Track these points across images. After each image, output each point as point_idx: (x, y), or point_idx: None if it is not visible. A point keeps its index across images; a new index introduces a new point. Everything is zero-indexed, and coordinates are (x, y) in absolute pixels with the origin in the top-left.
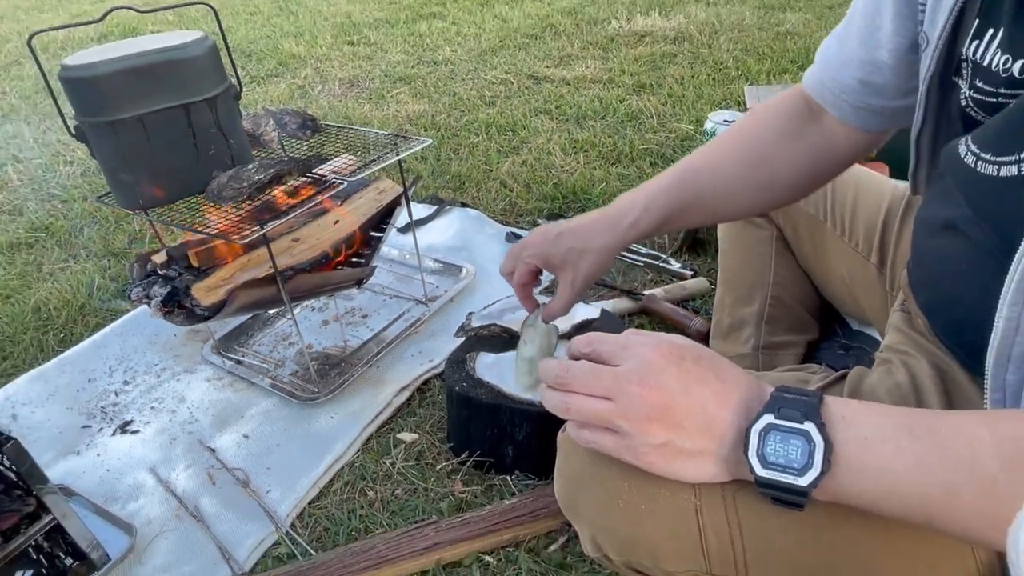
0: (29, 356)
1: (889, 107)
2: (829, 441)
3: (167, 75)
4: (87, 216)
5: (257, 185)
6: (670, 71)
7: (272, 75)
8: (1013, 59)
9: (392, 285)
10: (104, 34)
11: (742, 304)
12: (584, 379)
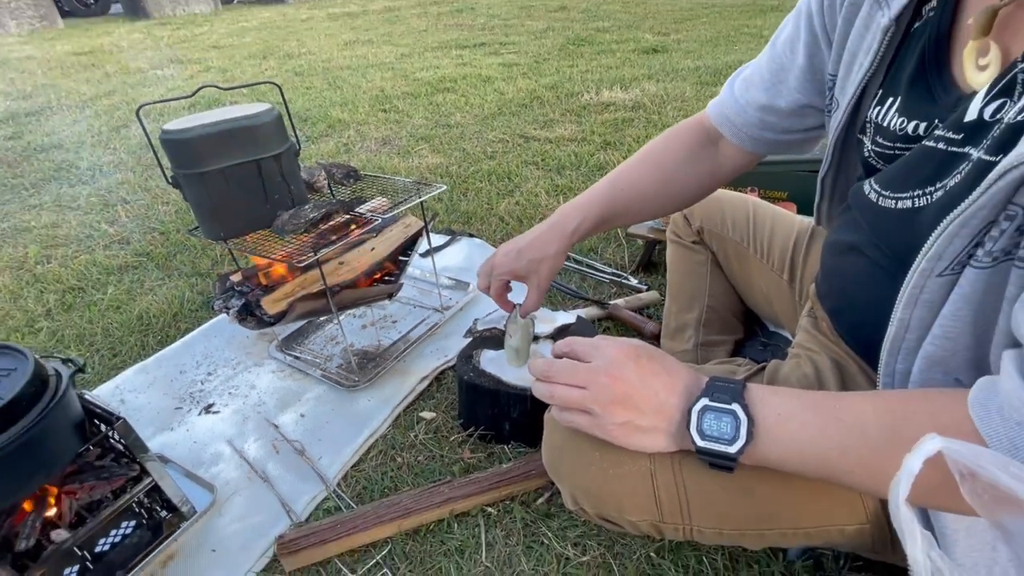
0: (134, 353)
1: (779, 139)
2: (752, 417)
3: (243, 138)
4: (179, 244)
5: (312, 221)
6: (629, 132)
7: (323, 135)
8: (907, 121)
9: (415, 297)
10: (193, 103)
11: (685, 311)
12: (564, 373)
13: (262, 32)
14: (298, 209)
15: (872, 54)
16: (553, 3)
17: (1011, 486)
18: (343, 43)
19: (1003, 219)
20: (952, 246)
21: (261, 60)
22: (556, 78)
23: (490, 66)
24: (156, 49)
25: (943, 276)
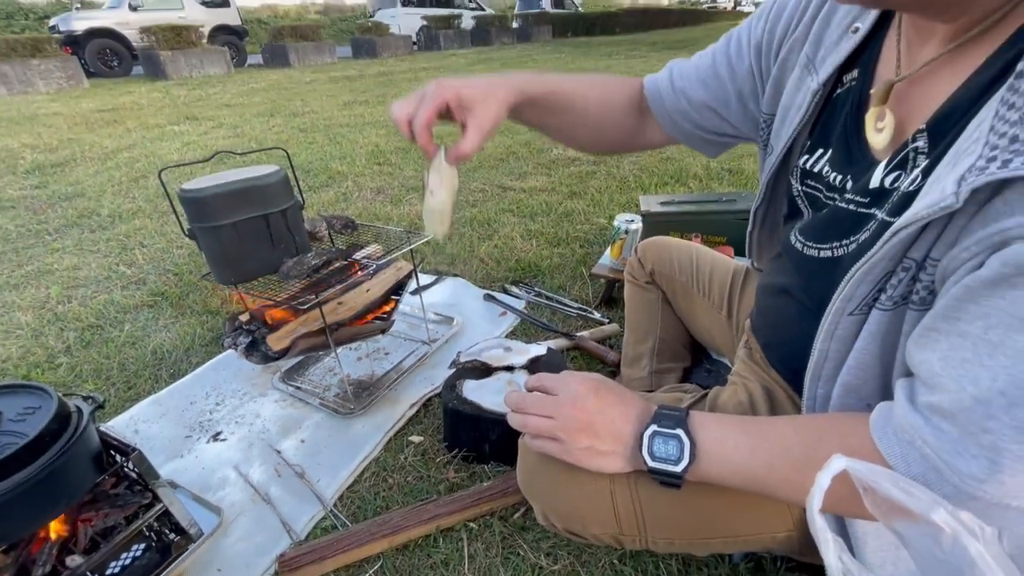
0: (148, 386)
1: (694, 133)
2: (693, 441)
3: (254, 195)
4: (192, 285)
5: (314, 268)
6: (592, 183)
7: (324, 185)
8: (832, 171)
9: (405, 331)
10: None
11: (640, 343)
12: (534, 405)
13: (270, 92)
14: (302, 256)
15: (802, 113)
16: (526, 70)
17: (900, 498)
18: (343, 103)
19: (900, 270)
20: (859, 290)
21: (269, 118)
22: (529, 135)
23: None
24: (173, 107)
25: (853, 315)
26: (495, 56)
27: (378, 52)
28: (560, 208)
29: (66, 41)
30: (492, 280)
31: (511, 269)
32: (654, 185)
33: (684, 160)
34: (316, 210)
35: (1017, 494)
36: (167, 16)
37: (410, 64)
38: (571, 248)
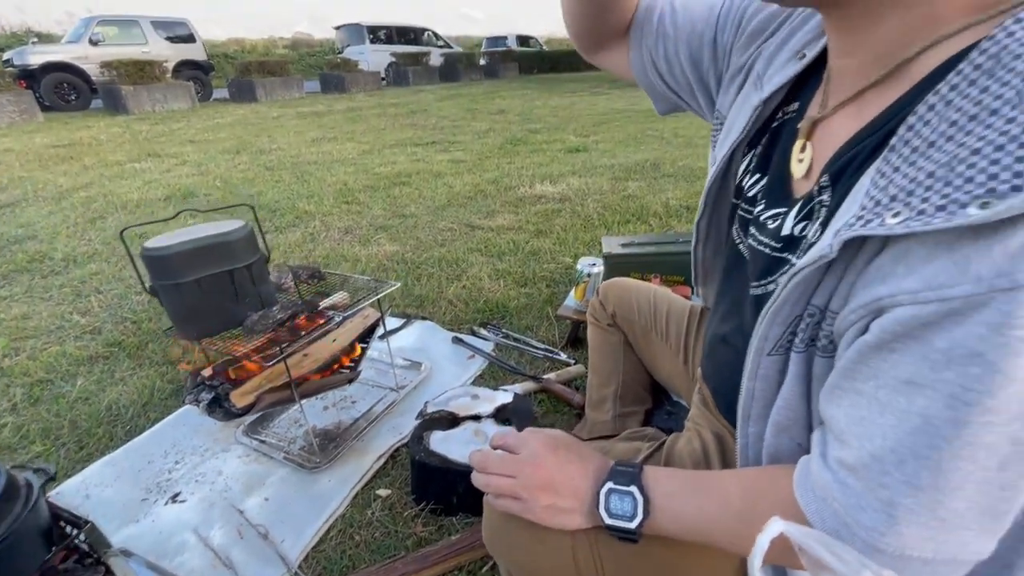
0: (101, 445)
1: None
2: (647, 497)
3: (218, 251)
4: (151, 334)
5: (279, 322)
6: (557, 221)
7: (291, 225)
8: (761, 199)
9: (373, 378)
10: (171, 194)
11: (604, 386)
12: (497, 465)
13: (236, 128)
14: (267, 310)
15: (742, 126)
16: (493, 107)
17: (830, 561)
18: (310, 140)
19: (806, 315)
20: (772, 331)
21: (235, 155)
22: (497, 173)
23: (441, 162)
24: (134, 143)
25: (772, 356)
26: (463, 92)
27: (347, 87)
28: (527, 247)
29: (21, 75)
30: (460, 322)
31: (479, 310)
32: (616, 223)
33: (645, 198)
34: (283, 251)
35: (915, 545)
36: (129, 51)
37: (379, 100)
38: (538, 288)
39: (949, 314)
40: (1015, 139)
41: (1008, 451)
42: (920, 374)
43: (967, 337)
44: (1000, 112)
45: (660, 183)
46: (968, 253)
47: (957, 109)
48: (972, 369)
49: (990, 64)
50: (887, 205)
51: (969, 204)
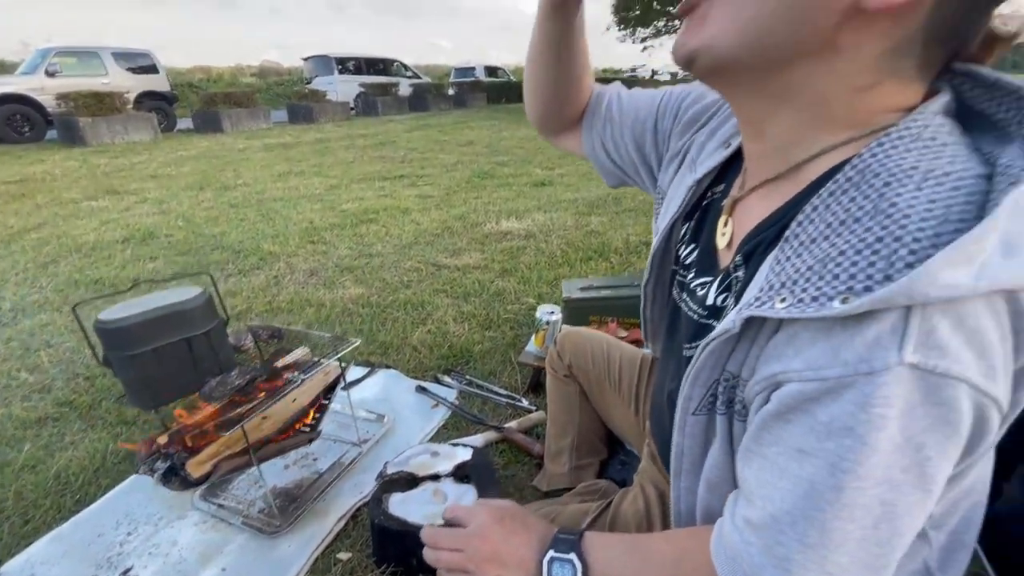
0: (48, 518)
1: (603, 164)
2: (586, 564)
3: (175, 320)
4: (105, 391)
5: (238, 388)
6: (522, 259)
7: (255, 268)
8: (693, 267)
9: (335, 432)
10: (124, 257)
11: (561, 438)
12: (446, 540)
13: (200, 162)
14: (225, 376)
15: (678, 204)
16: (462, 138)
17: None
18: (277, 174)
19: (723, 380)
20: (695, 391)
21: (198, 191)
22: (464, 209)
23: (408, 197)
24: (91, 178)
25: (697, 415)
26: (432, 122)
27: (315, 117)
28: (492, 287)
29: None
30: (425, 369)
31: (444, 356)
32: (579, 260)
33: (607, 234)
34: (246, 296)
35: None
36: (88, 82)
37: (347, 130)
38: (502, 331)
39: (827, 392)
40: (869, 246)
41: (879, 511)
42: (808, 443)
43: (841, 413)
44: (861, 221)
45: (621, 218)
46: (839, 340)
47: (832, 213)
48: (846, 441)
49: (857, 178)
50: (778, 291)
51: (835, 298)
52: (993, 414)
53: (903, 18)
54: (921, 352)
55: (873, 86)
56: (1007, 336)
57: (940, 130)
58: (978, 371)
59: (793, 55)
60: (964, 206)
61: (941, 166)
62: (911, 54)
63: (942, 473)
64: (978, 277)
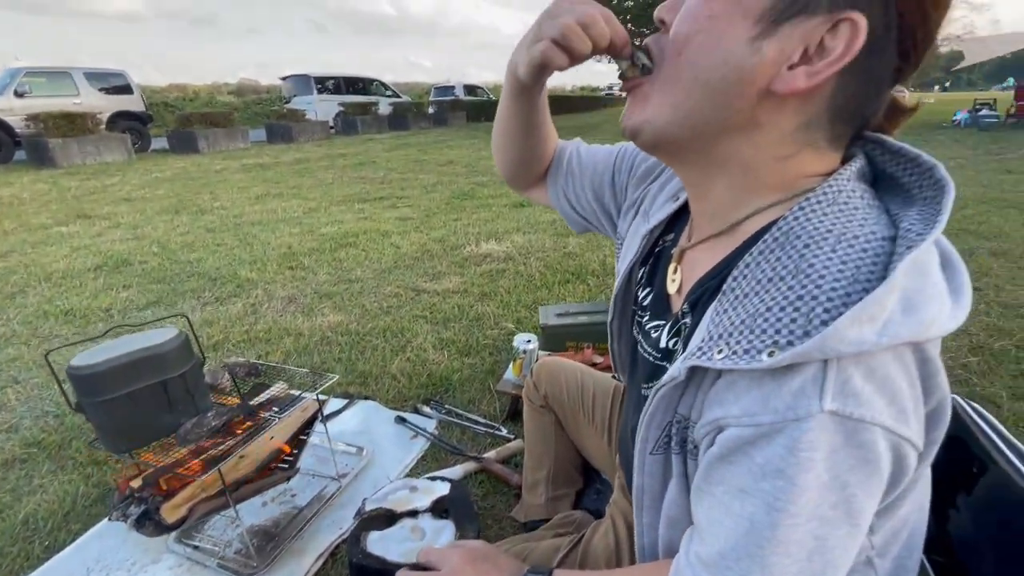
0: (16, 567)
1: (569, 213)
2: None
3: (150, 364)
4: (76, 429)
5: (215, 429)
6: (502, 283)
7: (232, 296)
8: (648, 309)
9: (313, 466)
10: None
11: (537, 470)
12: None
13: (175, 184)
14: (201, 417)
15: (635, 251)
16: (442, 157)
17: None
18: (254, 197)
19: (675, 421)
20: (651, 432)
21: (173, 215)
22: (444, 231)
23: (388, 220)
24: (62, 202)
25: (654, 455)
26: (412, 141)
27: (294, 137)
28: (472, 312)
29: None
30: (404, 399)
31: (423, 385)
32: (557, 283)
33: (584, 256)
34: (222, 326)
35: None
36: (60, 103)
37: (327, 150)
38: (481, 357)
39: (761, 436)
40: (791, 303)
41: (813, 545)
42: (747, 483)
43: (773, 456)
44: (784, 279)
45: (598, 239)
46: (769, 389)
47: (761, 271)
48: (778, 482)
49: (783, 239)
50: (716, 342)
51: (763, 351)
52: (909, 452)
53: (809, 100)
54: (839, 400)
55: (792, 155)
56: (915, 383)
57: (852, 195)
58: (890, 415)
59: (720, 131)
60: (871, 267)
61: (852, 229)
62: (821, 128)
63: (868, 509)
64: (881, 334)
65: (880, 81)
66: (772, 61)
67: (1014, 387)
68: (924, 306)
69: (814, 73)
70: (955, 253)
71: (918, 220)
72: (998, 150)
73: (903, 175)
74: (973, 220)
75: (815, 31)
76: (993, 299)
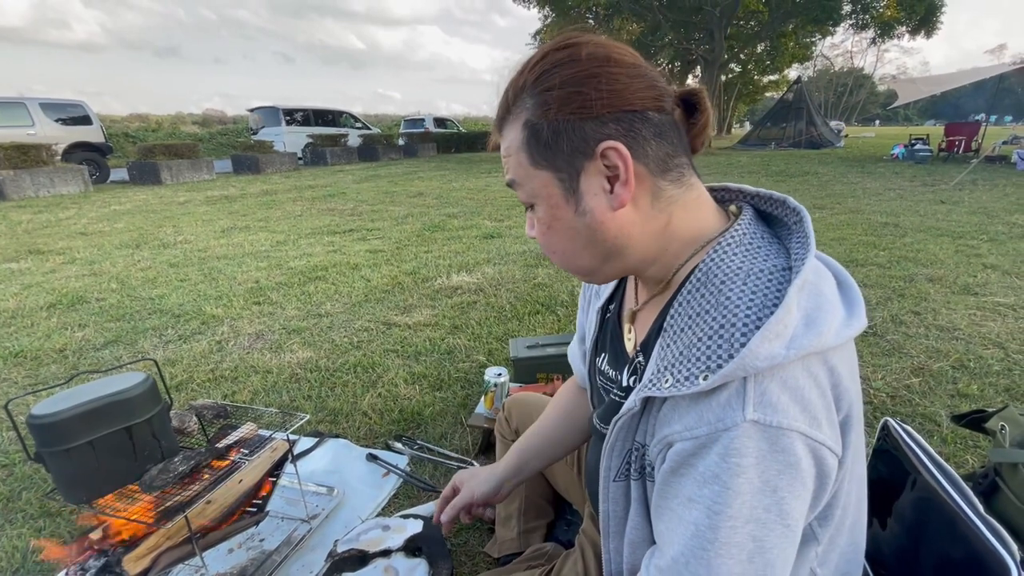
0: None
1: None
2: None
3: (115, 410)
4: (26, 479)
5: (182, 475)
6: (473, 315)
7: (196, 333)
8: (608, 367)
9: (283, 508)
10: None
11: (510, 504)
12: None
13: (136, 217)
14: (167, 463)
15: (593, 326)
16: (412, 189)
17: None
18: (220, 230)
19: (634, 449)
20: (612, 462)
21: (134, 250)
22: (415, 264)
23: (358, 253)
24: (11, 236)
25: (617, 482)
26: (382, 172)
27: (261, 168)
28: (443, 345)
29: None
30: (375, 435)
31: (394, 421)
32: (527, 314)
33: (553, 287)
34: (186, 365)
35: None
36: (12, 133)
37: (295, 181)
38: (452, 391)
39: (700, 447)
40: (716, 332)
41: (752, 547)
42: (693, 492)
43: (710, 463)
44: (709, 313)
45: None
46: (704, 406)
47: (691, 308)
48: (715, 487)
49: (704, 279)
50: (663, 374)
51: (699, 376)
52: (827, 455)
53: (638, 188)
54: (760, 410)
55: (670, 219)
56: (826, 393)
57: (755, 236)
58: (804, 422)
59: (612, 255)
60: (776, 294)
61: (758, 264)
62: (662, 188)
63: (797, 511)
64: (789, 347)
65: (665, 130)
66: (599, 206)
67: (952, 406)
68: (822, 319)
69: (625, 182)
70: (848, 275)
71: (799, 246)
72: (932, 182)
73: (782, 214)
74: (912, 248)
75: (596, 168)
76: (931, 323)
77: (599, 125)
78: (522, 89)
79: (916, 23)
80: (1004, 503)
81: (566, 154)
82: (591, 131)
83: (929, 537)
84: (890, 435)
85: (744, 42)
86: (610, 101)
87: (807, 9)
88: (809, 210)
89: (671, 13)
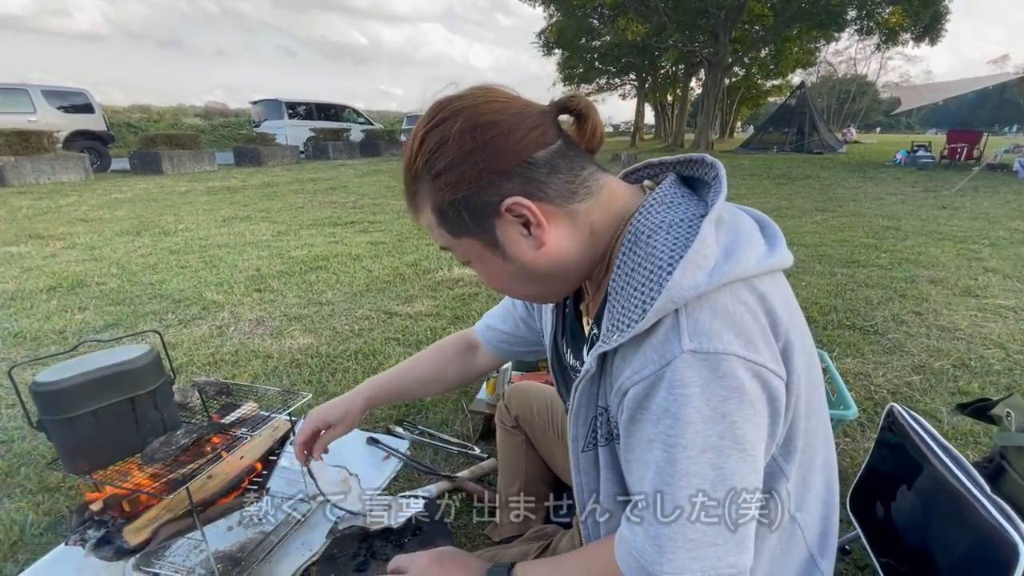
0: None
1: (512, 350)
2: None
3: (119, 380)
4: (24, 455)
5: (183, 447)
6: (475, 306)
7: (197, 318)
8: (568, 353)
9: (283, 488)
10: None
11: (510, 486)
12: None
13: (137, 205)
14: (169, 436)
15: (551, 323)
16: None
17: None
18: (221, 219)
19: (599, 414)
20: (578, 431)
21: (134, 236)
22: (416, 256)
23: (359, 244)
24: (12, 221)
25: (585, 452)
26: (384, 167)
27: (263, 160)
28: (444, 334)
29: None
30: (376, 420)
31: (395, 406)
32: None
33: None
34: (187, 349)
35: (685, 567)
36: (14, 120)
37: (296, 174)
38: None
39: (650, 387)
40: (647, 279)
41: (712, 475)
42: (650, 431)
43: (661, 400)
44: (642, 264)
45: None
46: (646, 347)
47: (626, 263)
48: (667, 420)
49: (633, 238)
50: (611, 330)
51: (637, 322)
52: (771, 378)
53: (553, 222)
54: (695, 339)
55: (592, 226)
56: (760, 317)
57: (675, 196)
58: (739, 344)
59: (546, 282)
60: (695, 236)
61: (678, 216)
62: (574, 212)
63: (753, 435)
64: (711, 275)
65: (557, 161)
66: (523, 250)
67: (952, 403)
68: (741, 250)
69: (538, 224)
70: (771, 221)
71: (714, 194)
72: (934, 188)
73: (698, 172)
74: (913, 251)
75: (507, 221)
76: (933, 323)
77: (495, 188)
78: (416, 178)
79: (921, 30)
80: (1010, 485)
81: (476, 222)
82: (490, 196)
83: (937, 518)
84: (896, 421)
85: (748, 46)
86: (496, 166)
87: (812, 14)
88: (811, 213)
89: (676, 14)
